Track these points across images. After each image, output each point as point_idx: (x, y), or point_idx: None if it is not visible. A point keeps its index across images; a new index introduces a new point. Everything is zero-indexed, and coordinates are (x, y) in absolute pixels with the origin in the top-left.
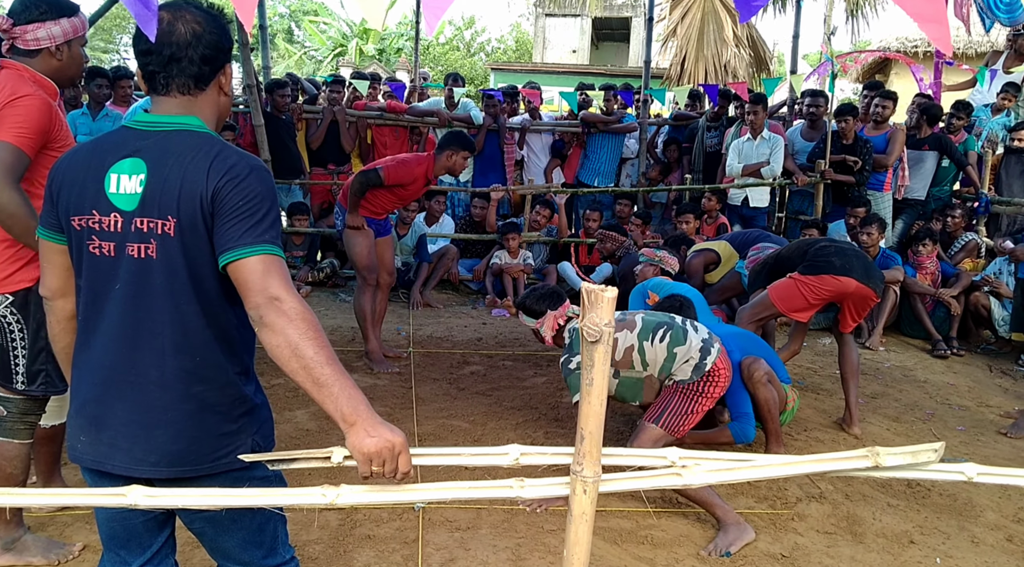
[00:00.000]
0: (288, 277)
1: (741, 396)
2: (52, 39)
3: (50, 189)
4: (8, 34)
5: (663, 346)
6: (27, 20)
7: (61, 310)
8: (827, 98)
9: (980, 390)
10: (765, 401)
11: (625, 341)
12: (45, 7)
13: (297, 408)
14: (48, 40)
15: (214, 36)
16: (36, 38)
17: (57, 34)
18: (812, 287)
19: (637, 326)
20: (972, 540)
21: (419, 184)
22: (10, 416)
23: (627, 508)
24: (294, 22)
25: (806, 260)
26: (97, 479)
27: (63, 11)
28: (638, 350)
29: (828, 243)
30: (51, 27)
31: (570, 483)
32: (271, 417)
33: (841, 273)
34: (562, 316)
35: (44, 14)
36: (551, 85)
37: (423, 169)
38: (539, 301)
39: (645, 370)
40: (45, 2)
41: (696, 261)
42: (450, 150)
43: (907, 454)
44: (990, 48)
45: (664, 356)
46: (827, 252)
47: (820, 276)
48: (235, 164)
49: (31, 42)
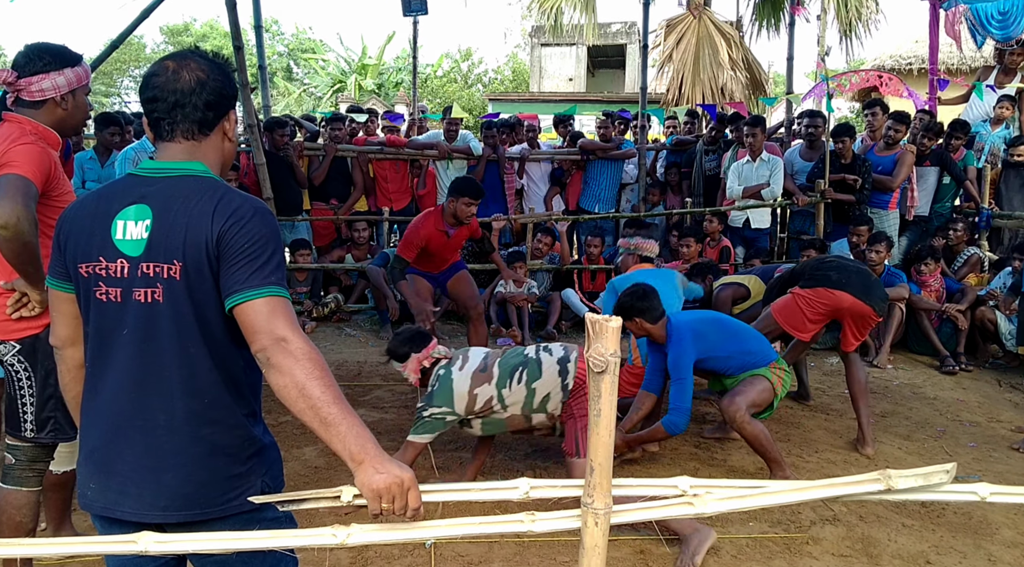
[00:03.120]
0: (294, 317)
1: (678, 390)
2: (57, 89)
3: (58, 238)
4: (13, 86)
5: (521, 386)
6: (32, 72)
7: (71, 358)
8: (825, 118)
9: (990, 405)
10: (754, 438)
11: (485, 394)
12: (49, 58)
13: (305, 445)
14: (53, 91)
15: (218, 83)
16: (41, 89)
17: (62, 84)
18: (809, 301)
19: (495, 377)
20: (989, 559)
21: (438, 238)
22: (19, 464)
23: (638, 537)
24: (292, 60)
25: (807, 274)
26: (108, 526)
27: (67, 61)
28: (497, 398)
29: (834, 259)
30: (55, 78)
31: (581, 515)
32: (280, 457)
33: (836, 287)
34: (427, 358)
35: (48, 65)
36: (549, 113)
37: (431, 223)
38: (402, 344)
39: (506, 411)
40: (49, 53)
41: (725, 294)
42: (450, 197)
43: (919, 476)
44: (982, 63)
45: (524, 393)
46: (827, 267)
47: (816, 290)
48: (239, 207)
49: (36, 93)
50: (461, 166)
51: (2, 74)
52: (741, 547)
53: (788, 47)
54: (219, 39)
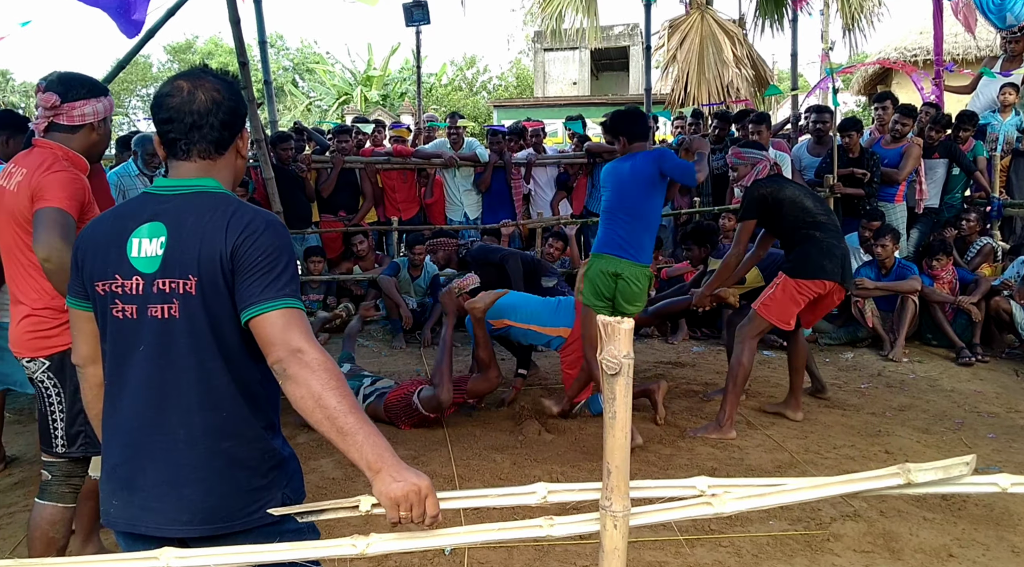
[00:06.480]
0: (309, 329)
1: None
2: (96, 115)
3: (76, 258)
4: (55, 110)
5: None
6: (73, 98)
7: (93, 376)
8: (832, 113)
9: (1008, 396)
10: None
11: None
12: (88, 87)
13: (322, 457)
14: (92, 116)
15: (232, 102)
16: (82, 114)
17: (100, 110)
18: (799, 290)
19: None
20: (1012, 550)
21: None
22: (55, 480)
23: (658, 538)
24: (298, 74)
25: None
26: (131, 543)
27: (100, 91)
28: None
29: (821, 239)
30: (95, 104)
31: (600, 519)
32: (300, 469)
33: (831, 277)
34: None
35: (89, 92)
36: (554, 118)
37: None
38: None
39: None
40: (86, 82)
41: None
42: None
43: (939, 469)
44: (989, 53)
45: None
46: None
47: (814, 280)
48: (251, 220)
49: (76, 118)
50: (468, 174)
51: (48, 98)
52: (761, 546)
53: (792, 43)
54: (224, 56)
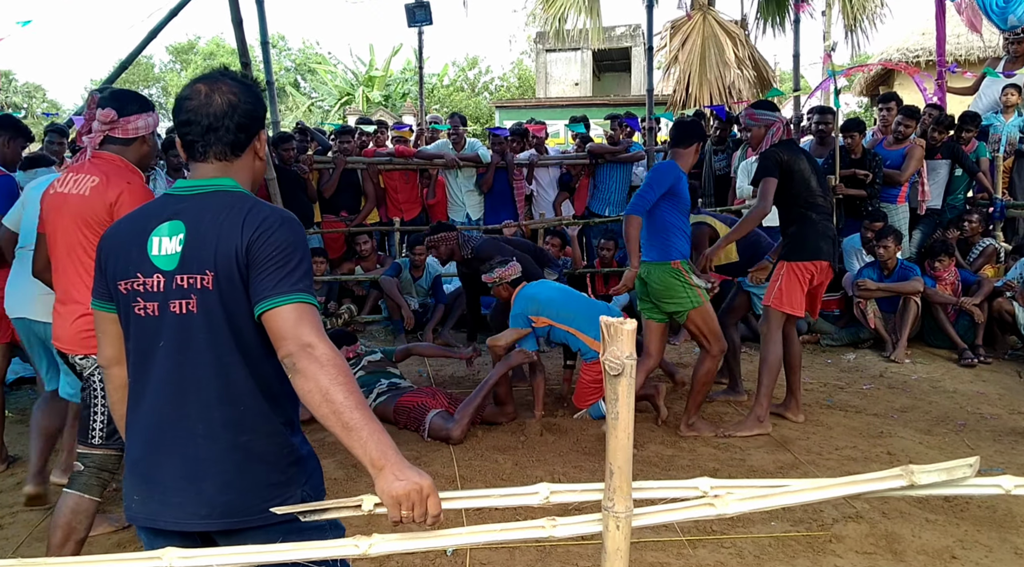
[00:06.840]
0: (320, 324)
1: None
2: (147, 128)
3: (99, 259)
4: (112, 125)
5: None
6: (128, 113)
7: (117, 377)
8: (834, 114)
9: (1011, 397)
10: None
11: None
12: (139, 102)
13: (324, 457)
14: (145, 129)
15: (249, 105)
16: (136, 127)
17: (150, 124)
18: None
19: None
20: (1015, 552)
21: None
22: (87, 470)
23: (661, 539)
24: (300, 75)
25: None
26: (153, 538)
27: (149, 106)
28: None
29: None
30: (147, 118)
31: (602, 519)
32: (320, 468)
33: (828, 259)
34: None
35: (141, 107)
36: (556, 119)
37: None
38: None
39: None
40: (137, 98)
41: (702, 232)
42: None
43: (942, 471)
44: (992, 54)
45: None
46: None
47: (816, 262)
48: (267, 217)
49: (131, 131)
50: (470, 174)
51: (107, 114)
52: (764, 547)
53: (794, 44)
54: (226, 56)
